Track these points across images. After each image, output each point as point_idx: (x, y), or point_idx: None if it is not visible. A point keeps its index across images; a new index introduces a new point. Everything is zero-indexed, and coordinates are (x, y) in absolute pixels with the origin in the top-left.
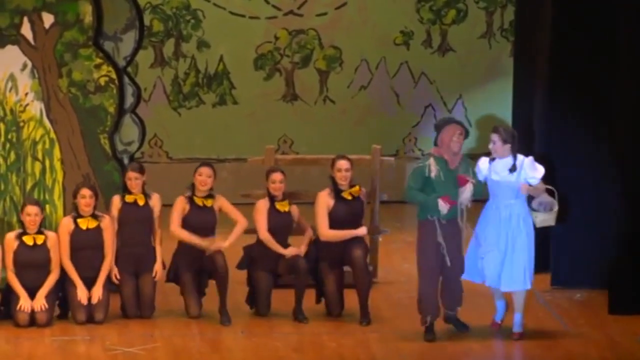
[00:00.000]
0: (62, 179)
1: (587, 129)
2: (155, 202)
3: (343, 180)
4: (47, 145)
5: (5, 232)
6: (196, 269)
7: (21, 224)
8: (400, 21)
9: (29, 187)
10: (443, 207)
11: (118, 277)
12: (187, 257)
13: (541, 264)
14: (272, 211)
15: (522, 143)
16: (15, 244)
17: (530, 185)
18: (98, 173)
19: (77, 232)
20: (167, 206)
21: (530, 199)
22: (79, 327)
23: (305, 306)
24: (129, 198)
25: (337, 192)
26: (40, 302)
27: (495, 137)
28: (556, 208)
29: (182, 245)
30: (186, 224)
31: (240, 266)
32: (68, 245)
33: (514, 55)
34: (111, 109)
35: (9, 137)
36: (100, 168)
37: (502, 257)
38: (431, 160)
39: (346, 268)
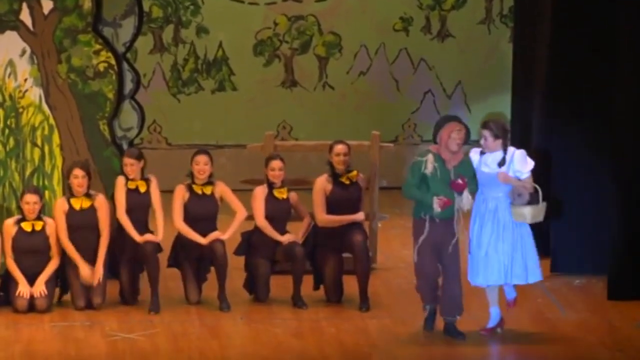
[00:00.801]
0: (61, 164)
1: (586, 116)
2: (154, 187)
3: (340, 165)
4: (46, 131)
5: (4, 218)
6: (196, 256)
7: (20, 210)
8: (400, 7)
9: (28, 173)
10: (436, 206)
11: None
12: (188, 244)
13: (541, 250)
14: (270, 198)
15: (521, 130)
16: (14, 230)
17: (518, 179)
18: (97, 159)
19: (71, 213)
20: (166, 192)
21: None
22: (79, 313)
23: (304, 292)
24: (130, 184)
25: (334, 176)
26: (39, 288)
27: (486, 132)
28: (539, 205)
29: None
30: (187, 212)
31: (237, 252)
32: (65, 226)
33: (514, 41)
34: (110, 95)
35: (8, 123)
36: (99, 154)
37: (501, 253)
38: (429, 157)
39: (345, 255)
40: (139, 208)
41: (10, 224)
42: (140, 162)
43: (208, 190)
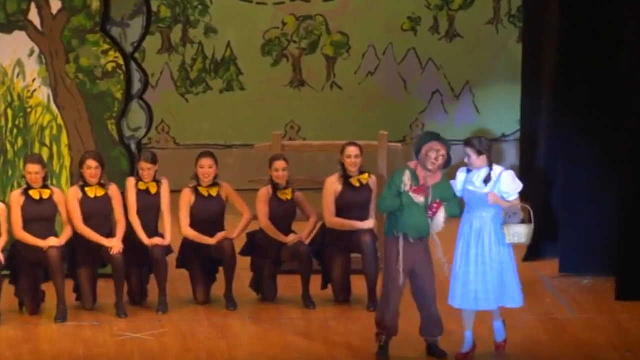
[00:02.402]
0: (69, 164)
1: (595, 116)
2: (165, 189)
3: (353, 167)
4: (54, 131)
5: None
6: (205, 256)
7: (25, 181)
8: (408, 7)
9: None
10: (417, 197)
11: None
12: (197, 244)
13: (549, 250)
14: (275, 200)
15: (529, 129)
16: (22, 199)
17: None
18: (105, 159)
19: (85, 200)
20: (175, 192)
21: None
22: (87, 313)
23: (312, 292)
24: (141, 185)
25: (345, 178)
26: (52, 243)
27: (469, 150)
28: (530, 225)
29: (196, 223)
30: (194, 215)
31: (243, 252)
32: (79, 213)
33: (522, 40)
34: (118, 95)
35: (17, 123)
36: (107, 154)
37: (486, 276)
38: (406, 173)
39: (353, 255)
40: (149, 209)
41: (17, 194)
42: (155, 166)
43: (214, 191)
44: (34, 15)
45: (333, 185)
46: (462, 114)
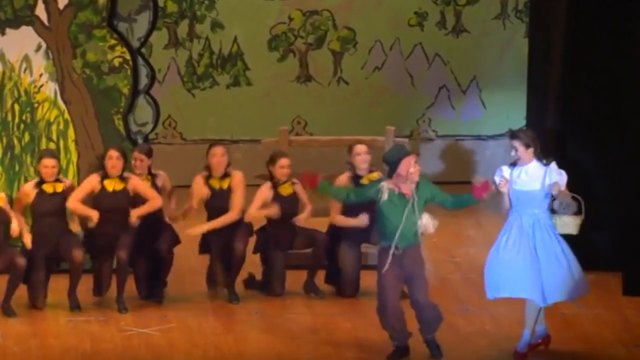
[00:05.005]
0: (76, 159)
1: (601, 110)
2: (163, 181)
3: (362, 164)
4: (61, 126)
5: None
6: (224, 243)
7: (38, 174)
8: (414, 2)
9: None
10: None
11: None
12: (217, 231)
13: None
14: (277, 196)
15: (536, 124)
16: (33, 193)
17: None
18: None
19: (103, 194)
20: (181, 187)
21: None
22: (94, 307)
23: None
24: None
25: (356, 178)
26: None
27: (517, 143)
28: (580, 217)
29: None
30: (207, 207)
31: (256, 250)
32: (82, 192)
33: (529, 36)
34: (125, 90)
35: (24, 118)
36: None
37: (539, 270)
38: (384, 186)
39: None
40: (142, 203)
41: (29, 188)
42: (149, 159)
43: (225, 184)
44: (40, 11)
45: (343, 184)
46: (468, 109)
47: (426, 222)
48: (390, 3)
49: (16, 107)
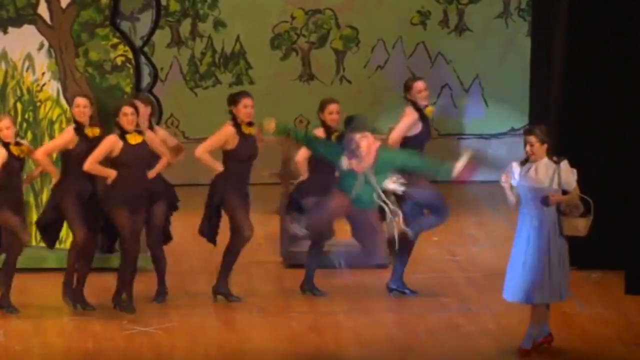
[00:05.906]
0: None
1: (604, 109)
2: (164, 136)
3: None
4: (63, 125)
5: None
6: (245, 192)
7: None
8: (417, 1)
9: None
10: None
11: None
12: (234, 180)
13: None
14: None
15: (539, 123)
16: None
17: (564, 192)
18: None
19: (127, 148)
20: (184, 186)
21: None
22: (96, 306)
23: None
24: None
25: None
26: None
27: (532, 139)
28: (588, 217)
29: (228, 170)
30: (237, 155)
31: (289, 210)
32: (101, 153)
33: (531, 34)
34: (128, 89)
35: (26, 116)
36: None
37: (542, 270)
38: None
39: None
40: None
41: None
42: (148, 108)
43: (253, 130)
44: (43, 9)
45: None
46: (471, 108)
47: (392, 187)
48: (393, 2)
49: (19, 105)
